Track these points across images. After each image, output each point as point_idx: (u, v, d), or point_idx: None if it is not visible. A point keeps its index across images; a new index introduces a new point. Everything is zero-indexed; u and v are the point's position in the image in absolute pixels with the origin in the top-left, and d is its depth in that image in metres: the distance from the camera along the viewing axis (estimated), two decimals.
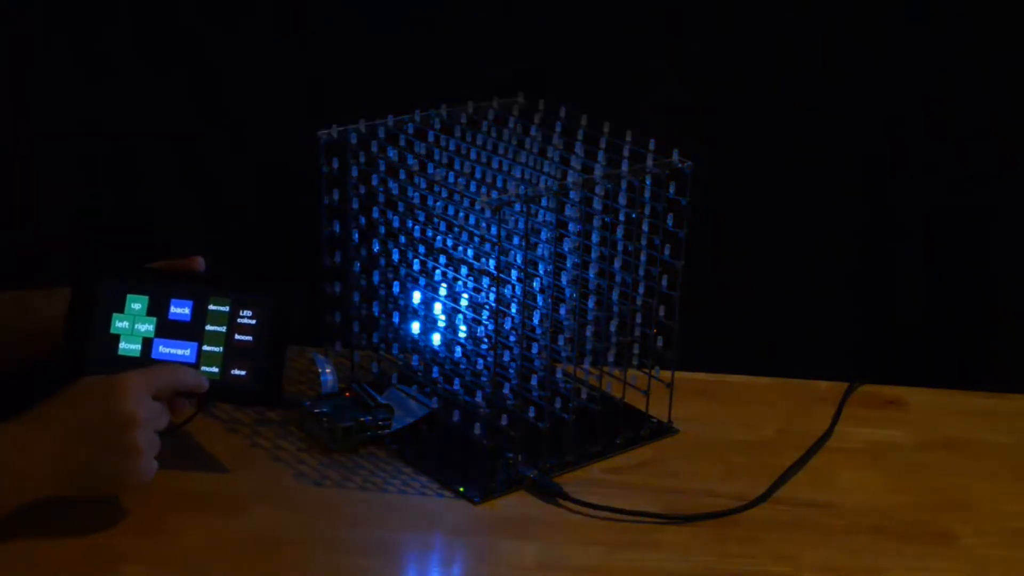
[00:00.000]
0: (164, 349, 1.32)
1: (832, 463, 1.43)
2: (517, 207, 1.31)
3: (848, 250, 1.69)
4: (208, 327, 1.33)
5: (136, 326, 1.32)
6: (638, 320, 1.42)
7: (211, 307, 1.33)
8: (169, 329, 1.33)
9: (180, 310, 1.33)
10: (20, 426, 1.21)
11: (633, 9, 1.61)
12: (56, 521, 1.26)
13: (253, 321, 1.33)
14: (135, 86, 1.62)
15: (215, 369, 1.33)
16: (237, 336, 1.33)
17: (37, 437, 1.20)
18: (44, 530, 1.25)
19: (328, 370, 1.45)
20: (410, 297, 1.46)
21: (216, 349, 1.33)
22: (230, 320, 1.33)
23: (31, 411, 1.22)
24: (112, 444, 1.20)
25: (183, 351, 1.32)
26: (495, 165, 1.42)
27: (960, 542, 1.30)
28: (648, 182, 1.37)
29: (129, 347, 1.32)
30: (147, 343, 1.32)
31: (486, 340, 1.39)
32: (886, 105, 1.64)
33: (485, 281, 1.39)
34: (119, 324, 1.32)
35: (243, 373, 1.33)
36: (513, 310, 1.34)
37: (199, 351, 1.33)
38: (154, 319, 1.33)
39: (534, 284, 1.37)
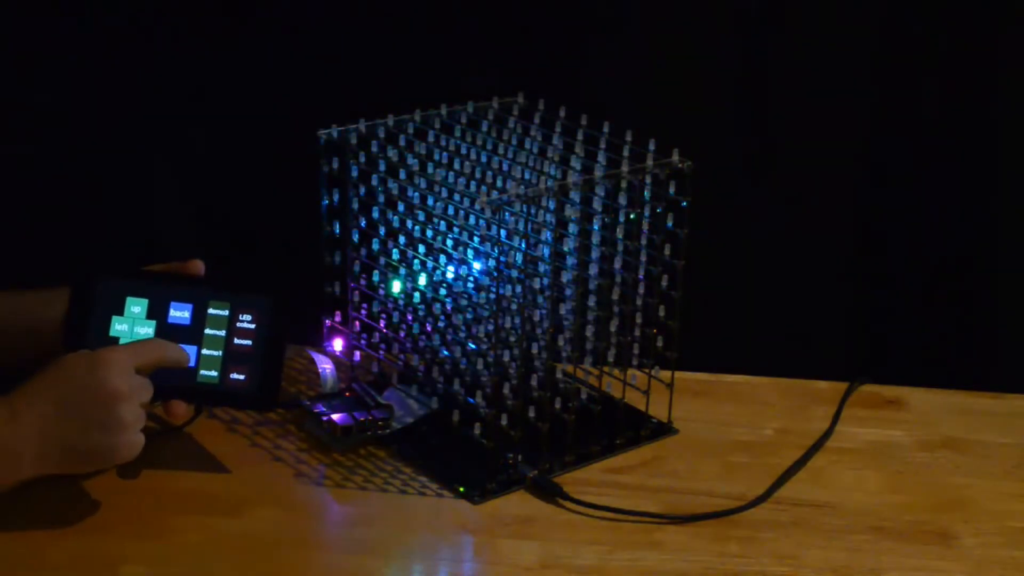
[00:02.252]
0: None
1: (832, 463, 1.43)
2: (517, 207, 1.31)
3: (848, 250, 1.69)
4: (207, 331, 1.33)
5: (135, 329, 1.32)
6: (638, 320, 1.42)
7: (211, 311, 1.33)
8: (168, 332, 1.32)
9: (180, 313, 1.33)
10: (6, 405, 1.20)
11: (633, 9, 1.61)
12: (56, 521, 1.26)
13: (252, 325, 1.33)
14: (135, 85, 1.63)
15: (214, 373, 1.33)
16: (236, 340, 1.33)
17: (24, 414, 1.20)
18: (44, 530, 1.25)
19: (328, 369, 1.45)
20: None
21: (215, 353, 1.33)
22: (229, 324, 1.33)
23: (17, 390, 1.21)
24: (99, 419, 1.20)
25: None
26: (495, 165, 1.42)
27: (960, 542, 1.30)
28: (648, 182, 1.37)
29: (187, 354, 1.32)
30: None
31: (486, 340, 1.39)
32: (886, 104, 1.64)
33: (485, 281, 1.39)
34: (118, 327, 1.32)
35: (242, 377, 1.33)
36: (514, 309, 1.34)
37: (199, 355, 1.33)
38: (153, 322, 1.33)
39: (534, 284, 1.37)
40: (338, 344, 1.50)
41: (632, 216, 1.37)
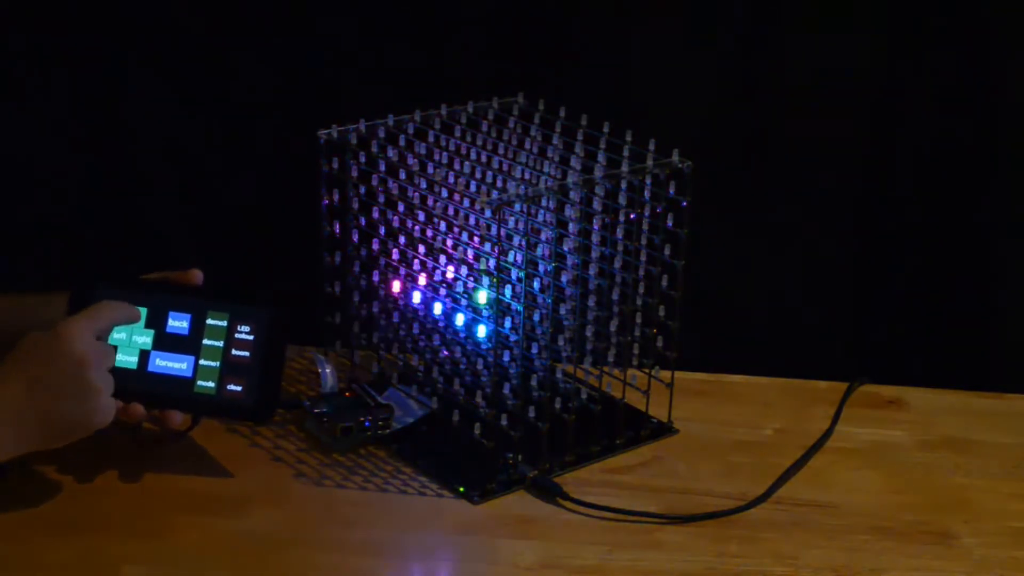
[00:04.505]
0: (161, 362, 1.32)
1: (832, 463, 1.43)
2: (517, 207, 1.31)
3: (848, 250, 1.69)
4: (205, 341, 1.32)
5: (133, 337, 1.32)
6: (638, 320, 1.42)
7: (209, 321, 1.33)
8: (166, 342, 1.32)
9: (178, 323, 1.33)
10: None
11: (633, 9, 1.61)
12: (56, 521, 1.26)
13: (250, 337, 1.33)
14: (134, 87, 1.62)
15: (211, 384, 1.32)
16: (234, 351, 1.33)
17: None
18: (44, 530, 1.25)
19: (328, 370, 1.45)
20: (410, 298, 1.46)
21: (213, 364, 1.32)
22: (228, 335, 1.33)
23: None
24: (69, 388, 1.21)
25: (180, 364, 1.32)
26: (495, 165, 1.42)
27: (960, 542, 1.30)
28: (648, 182, 1.37)
29: (126, 359, 1.31)
30: (144, 355, 1.32)
31: (486, 340, 1.39)
32: (886, 104, 1.64)
33: (485, 281, 1.39)
34: (116, 335, 1.31)
35: (239, 389, 1.32)
36: (513, 310, 1.34)
37: (196, 365, 1.32)
38: (152, 331, 1.32)
39: (534, 284, 1.37)
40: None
41: (632, 216, 1.37)
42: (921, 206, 1.67)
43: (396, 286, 1.47)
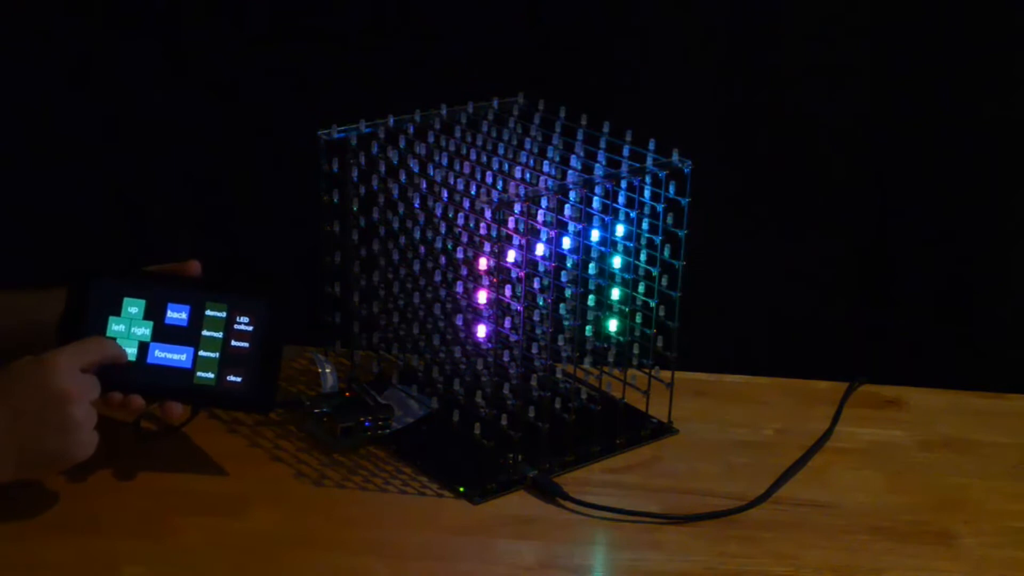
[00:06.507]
0: (160, 353, 1.32)
1: (832, 463, 1.43)
2: (517, 207, 1.31)
3: (848, 250, 1.69)
4: (204, 332, 1.33)
5: (132, 329, 1.32)
6: (638, 320, 1.42)
7: (208, 312, 1.33)
8: (165, 333, 1.32)
9: (177, 314, 1.33)
10: None
11: (633, 10, 1.61)
12: (56, 521, 1.26)
13: (250, 327, 1.33)
14: (133, 86, 1.63)
15: (211, 375, 1.32)
16: (233, 342, 1.33)
17: None
18: (44, 530, 1.25)
19: (328, 370, 1.45)
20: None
21: (212, 355, 1.32)
22: (226, 326, 1.33)
23: None
24: (50, 422, 1.21)
25: (179, 356, 1.32)
26: (495, 165, 1.42)
27: (960, 542, 1.30)
28: (648, 182, 1.37)
29: (125, 350, 1.32)
30: (143, 347, 1.32)
31: (486, 340, 1.39)
32: (887, 104, 1.64)
33: (485, 281, 1.39)
34: (115, 327, 1.32)
35: (238, 379, 1.33)
36: (514, 309, 1.34)
37: (195, 356, 1.32)
38: (151, 323, 1.32)
39: (534, 284, 1.37)
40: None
41: (632, 216, 1.37)
42: (921, 206, 1.67)
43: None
